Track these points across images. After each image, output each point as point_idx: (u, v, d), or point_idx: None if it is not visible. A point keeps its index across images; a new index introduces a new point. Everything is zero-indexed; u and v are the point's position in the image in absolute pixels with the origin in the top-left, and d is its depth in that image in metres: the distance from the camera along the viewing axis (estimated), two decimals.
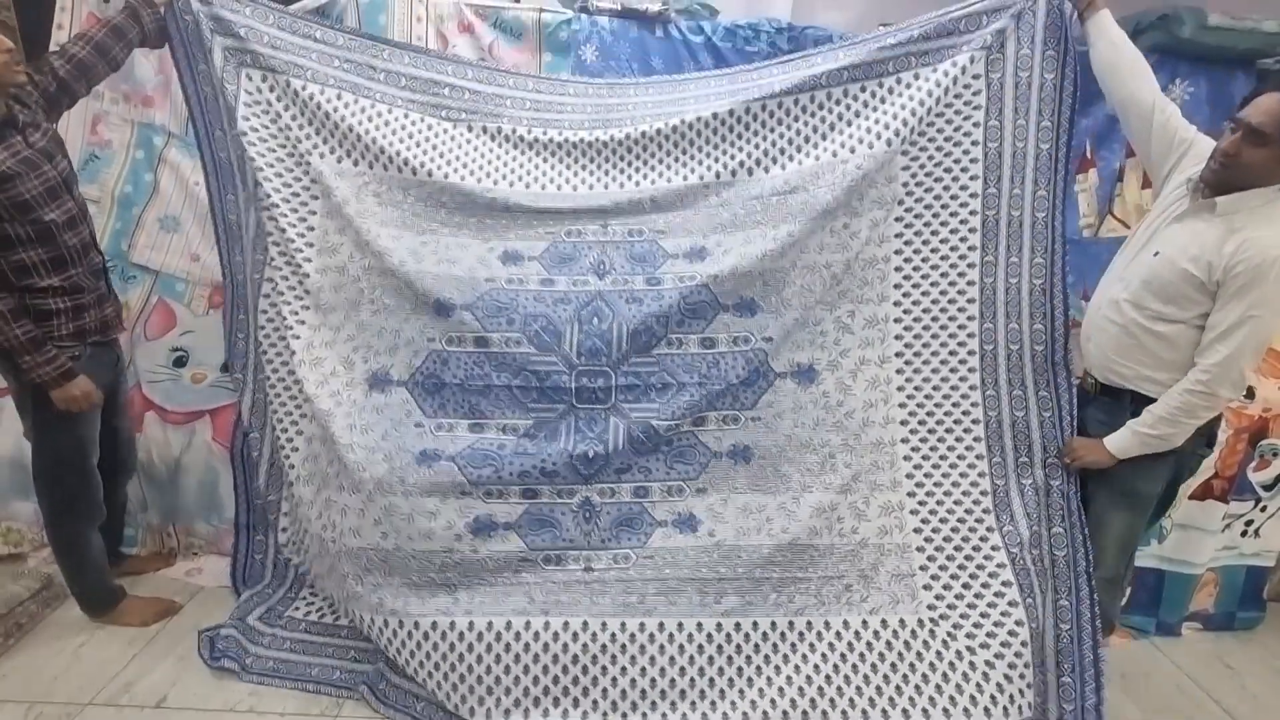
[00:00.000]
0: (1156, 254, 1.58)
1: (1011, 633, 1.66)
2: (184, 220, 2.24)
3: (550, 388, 1.80)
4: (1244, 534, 2.19)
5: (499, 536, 1.74)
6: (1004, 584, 1.69)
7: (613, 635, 1.67)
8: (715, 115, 1.91)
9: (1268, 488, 2.14)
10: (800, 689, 1.64)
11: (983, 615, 1.68)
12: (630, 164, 1.95)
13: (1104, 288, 1.75)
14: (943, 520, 1.75)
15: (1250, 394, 2.13)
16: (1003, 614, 1.67)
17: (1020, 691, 1.62)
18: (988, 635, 1.67)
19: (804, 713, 1.62)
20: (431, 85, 1.95)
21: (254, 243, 1.92)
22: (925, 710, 1.62)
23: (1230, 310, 1.46)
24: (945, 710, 1.61)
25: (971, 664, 1.65)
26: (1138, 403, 1.64)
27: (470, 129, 1.95)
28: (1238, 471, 2.09)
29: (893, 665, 1.66)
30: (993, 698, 1.62)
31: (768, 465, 1.80)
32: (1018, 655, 1.64)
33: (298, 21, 1.89)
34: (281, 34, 1.87)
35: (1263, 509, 2.16)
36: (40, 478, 1.80)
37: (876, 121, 1.84)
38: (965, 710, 1.61)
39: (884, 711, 1.62)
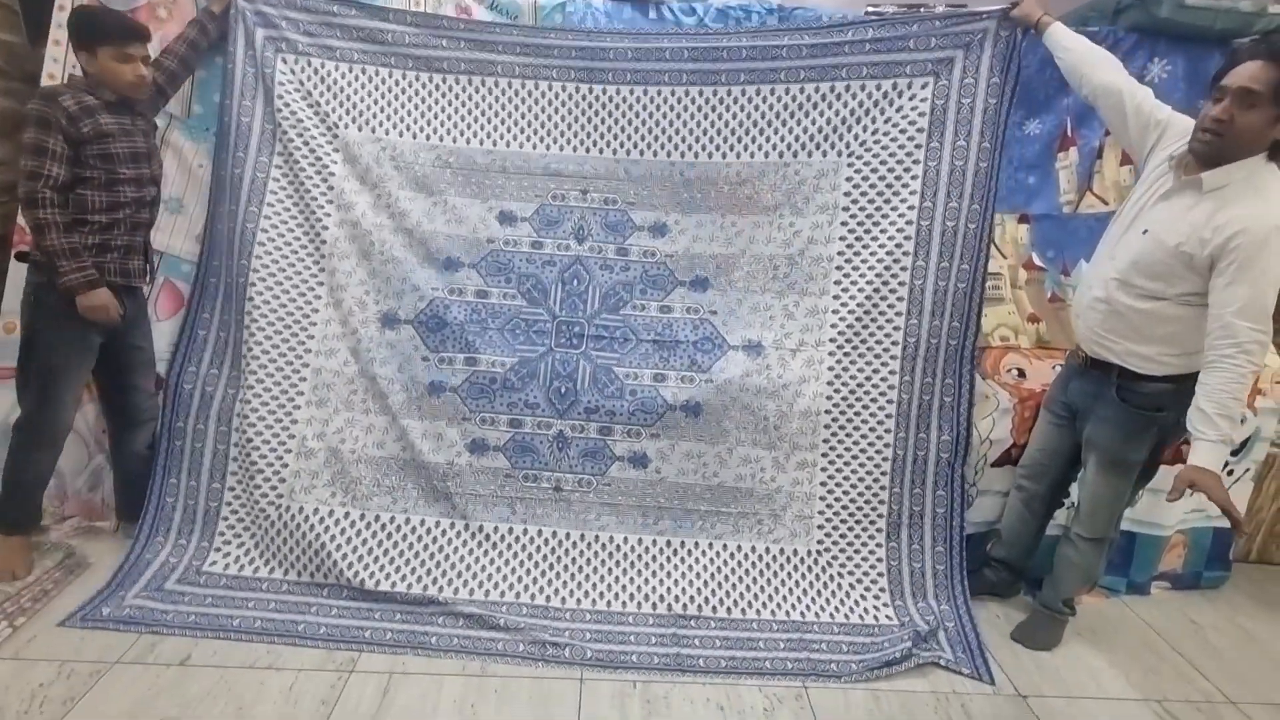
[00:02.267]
0: (1145, 232, 1.63)
1: (873, 566, 2.11)
2: (187, 202, 2.29)
3: (535, 333, 2.21)
4: None
5: (490, 455, 2.16)
6: (877, 530, 2.12)
7: (574, 542, 2.14)
8: (687, 94, 2.18)
9: (1234, 453, 2.23)
10: (713, 590, 2.07)
11: (855, 551, 2.12)
12: (610, 129, 2.22)
13: (1094, 267, 1.82)
14: (845, 478, 2.13)
15: None
16: (870, 551, 2.12)
17: (877, 609, 2.06)
18: (855, 566, 2.12)
19: (714, 607, 2.05)
20: (432, 40, 2.21)
21: (249, 196, 2.20)
22: (802, 614, 2.05)
23: (1240, 286, 1.48)
24: (817, 614, 2.05)
25: (840, 586, 2.10)
26: (1124, 377, 1.73)
27: (470, 81, 2.23)
28: None
29: (782, 581, 2.09)
30: (852, 610, 2.06)
31: (712, 420, 2.15)
32: (874, 582, 2.10)
33: (319, 3, 2.19)
34: (309, 18, 2.19)
35: (1229, 473, 2.26)
36: (19, 382, 2.02)
37: (820, 129, 2.14)
38: (836, 619, 2.04)
39: (772, 611, 2.05)
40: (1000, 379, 2.26)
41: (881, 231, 2.10)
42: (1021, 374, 2.26)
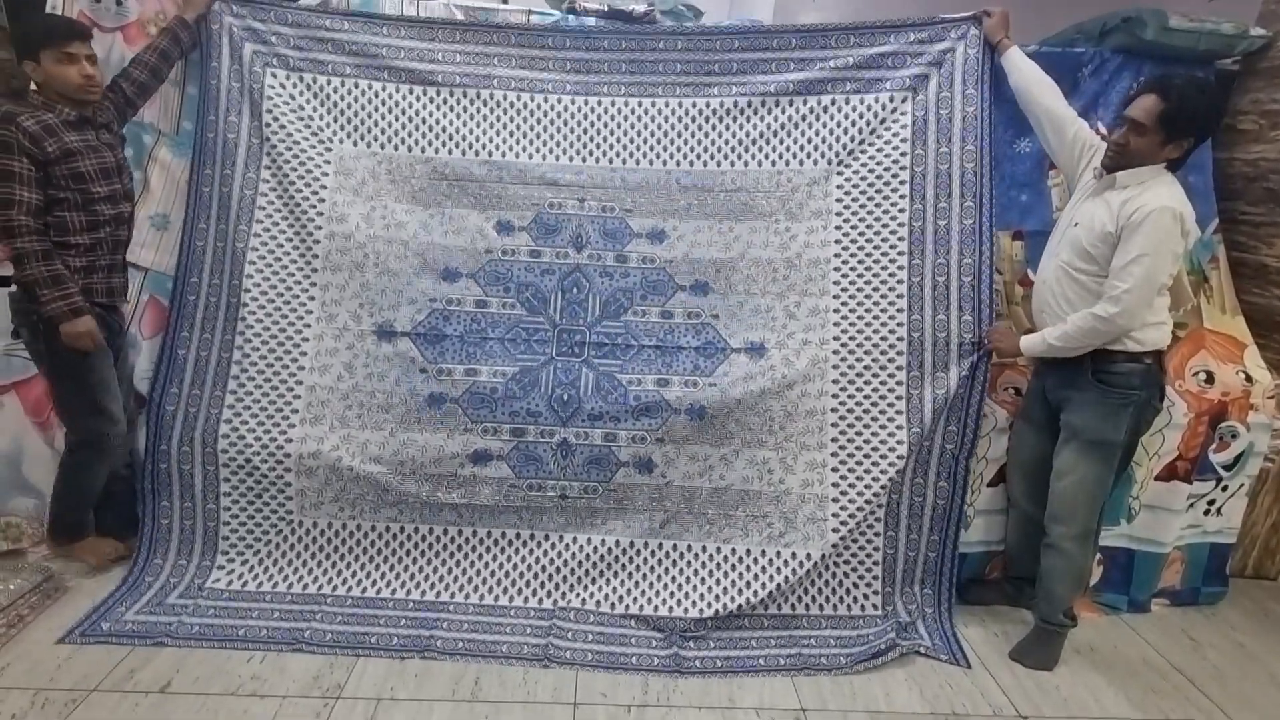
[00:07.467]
0: (1075, 224, 1.89)
1: (869, 555, 2.14)
2: (174, 218, 2.26)
3: (536, 342, 2.20)
4: (1207, 513, 2.29)
5: (494, 465, 2.15)
6: (876, 520, 2.14)
7: (580, 546, 2.15)
8: (680, 105, 2.26)
9: (1228, 468, 2.24)
10: (716, 595, 2.07)
11: (853, 542, 2.13)
12: (605, 139, 2.26)
13: (1044, 267, 2.00)
14: (859, 478, 2.12)
15: (1210, 379, 2.23)
16: (868, 541, 2.14)
17: (865, 597, 2.12)
18: (851, 555, 2.14)
19: (715, 611, 2.04)
20: (427, 53, 2.24)
21: (239, 214, 2.19)
22: (793, 606, 2.09)
23: (1126, 252, 1.75)
24: (806, 606, 2.10)
25: (834, 576, 2.12)
26: (1097, 360, 1.85)
27: (465, 94, 2.25)
28: (1200, 453, 2.19)
29: (785, 579, 2.08)
30: (840, 600, 2.12)
31: (717, 423, 2.15)
32: (869, 570, 2.14)
33: (310, 15, 2.21)
34: (301, 33, 2.21)
35: (1224, 488, 2.26)
36: (59, 415, 2.07)
37: (809, 140, 2.25)
38: (825, 610, 2.09)
39: (770, 614, 2.07)
40: (998, 397, 2.25)
41: (875, 233, 2.18)
42: (1018, 392, 2.25)
